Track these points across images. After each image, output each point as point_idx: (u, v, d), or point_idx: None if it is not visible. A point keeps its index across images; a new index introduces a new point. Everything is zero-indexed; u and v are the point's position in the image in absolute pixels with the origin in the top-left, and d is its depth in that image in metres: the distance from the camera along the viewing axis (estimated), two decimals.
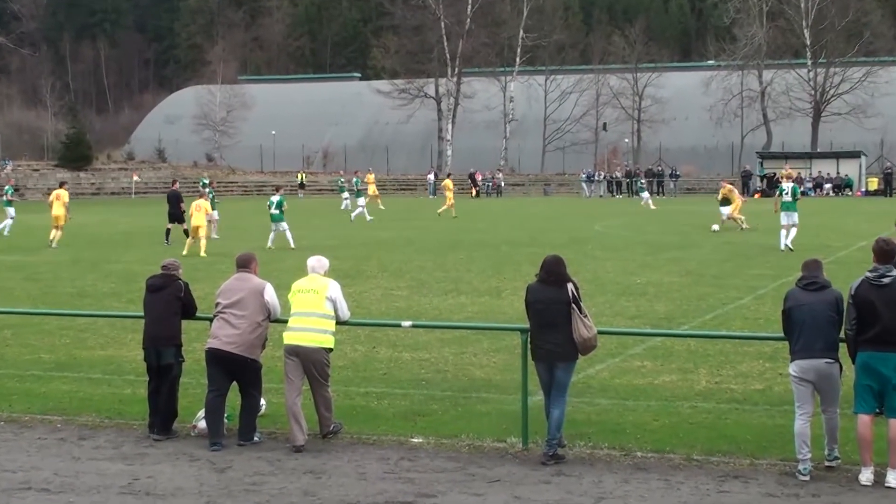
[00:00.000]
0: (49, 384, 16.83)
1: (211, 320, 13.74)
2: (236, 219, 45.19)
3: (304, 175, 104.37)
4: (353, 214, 57.84)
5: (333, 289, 13.60)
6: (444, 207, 60.55)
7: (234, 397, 13.62)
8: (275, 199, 41.52)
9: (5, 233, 48.25)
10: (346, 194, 72.79)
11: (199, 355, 14.63)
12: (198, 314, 14.42)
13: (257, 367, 13.54)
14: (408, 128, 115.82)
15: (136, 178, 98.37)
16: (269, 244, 39.77)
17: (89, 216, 58.85)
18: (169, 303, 13.93)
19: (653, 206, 68.84)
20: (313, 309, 13.42)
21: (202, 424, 13.63)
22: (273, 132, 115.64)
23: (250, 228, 43.97)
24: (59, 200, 43.05)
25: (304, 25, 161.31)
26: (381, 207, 67.38)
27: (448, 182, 64.39)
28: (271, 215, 41.10)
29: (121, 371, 17.60)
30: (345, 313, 13.73)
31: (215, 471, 12.32)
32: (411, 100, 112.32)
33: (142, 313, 14.29)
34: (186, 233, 40.37)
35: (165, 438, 13.61)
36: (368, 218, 56.34)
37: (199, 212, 39.00)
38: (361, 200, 58.83)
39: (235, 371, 13.39)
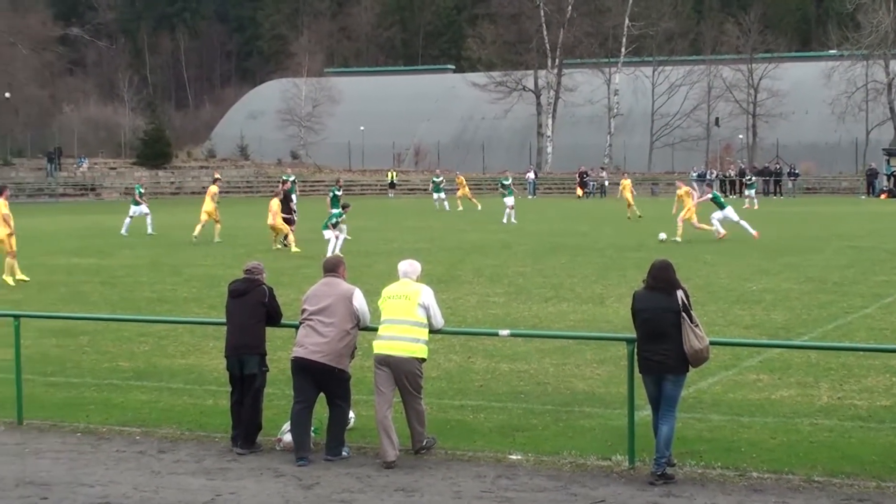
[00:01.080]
0: (128, 394, 17.08)
1: (297, 327, 13.84)
2: (321, 220, 45.40)
3: (394, 174, 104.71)
4: (504, 219, 57.44)
5: (426, 295, 13.63)
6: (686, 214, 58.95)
7: (321, 409, 13.72)
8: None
9: (149, 230, 50.03)
10: (442, 195, 73.22)
11: (284, 364, 14.75)
12: (283, 321, 14.54)
13: (346, 377, 13.58)
14: (505, 123, 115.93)
15: (217, 176, 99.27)
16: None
17: (169, 216, 59.56)
18: (253, 309, 14.03)
19: (755, 206, 68.40)
20: (405, 316, 13.46)
21: (287, 438, 13.74)
22: (362, 128, 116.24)
23: None
24: (208, 195, 45.16)
25: (395, 14, 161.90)
26: (479, 207, 67.73)
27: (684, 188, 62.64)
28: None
29: (202, 381, 17.81)
30: (438, 321, 13.75)
31: (301, 487, 12.41)
32: (509, 93, 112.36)
33: (224, 320, 14.42)
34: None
35: (249, 452, 13.74)
36: (513, 220, 56.56)
37: (271, 212, 42.08)
38: (510, 200, 58.64)
39: (323, 381, 13.46)
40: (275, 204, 42.03)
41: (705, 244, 41.85)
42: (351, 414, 14.06)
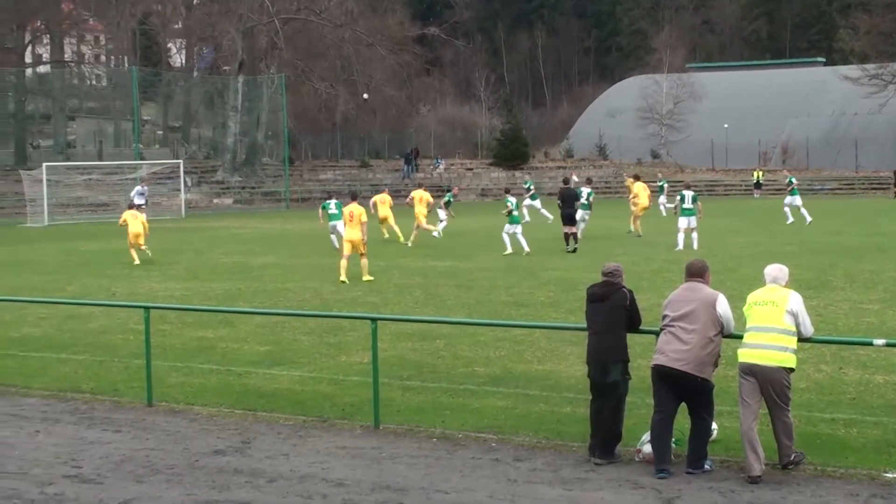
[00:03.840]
0: (483, 399, 17.35)
1: (657, 334, 13.76)
2: (667, 223, 44.98)
3: (760, 173, 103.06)
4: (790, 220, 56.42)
5: (795, 301, 13.34)
6: None
7: (682, 420, 13.61)
8: (511, 200, 43.90)
9: (522, 222, 51.47)
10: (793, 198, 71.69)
11: (644, 372, 14.71)
12: (642, 327, 14.47)
13: (709, 387, 13.40)
14: (880, 118, 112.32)
15: (575, 178, 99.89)
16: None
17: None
18: (614, 314, 13.99)
19: None
20: (772, 323, 13.21)
21: (647, 449, 13.68)
22: (725, 125, 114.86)
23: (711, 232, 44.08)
24: (384, 204, 49.34)
25: (761, 6, 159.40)
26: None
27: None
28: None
29: (559, 387, 17.92)
30: (808, 329, 13.43)
31: (661, 500, 12.34)
32: (884, 86, 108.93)
33: (582, 325, 14.47)
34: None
35: (607, 463, 13.74)
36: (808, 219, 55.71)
37: (384, 205, 48.67)
38: (796, 200, 57.60)
39: (684, 391, 13.34)
40: (386, 198, 49.15)
41: None
42: (714, 425, 13.87)
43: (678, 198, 44.23)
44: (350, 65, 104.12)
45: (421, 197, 49.71)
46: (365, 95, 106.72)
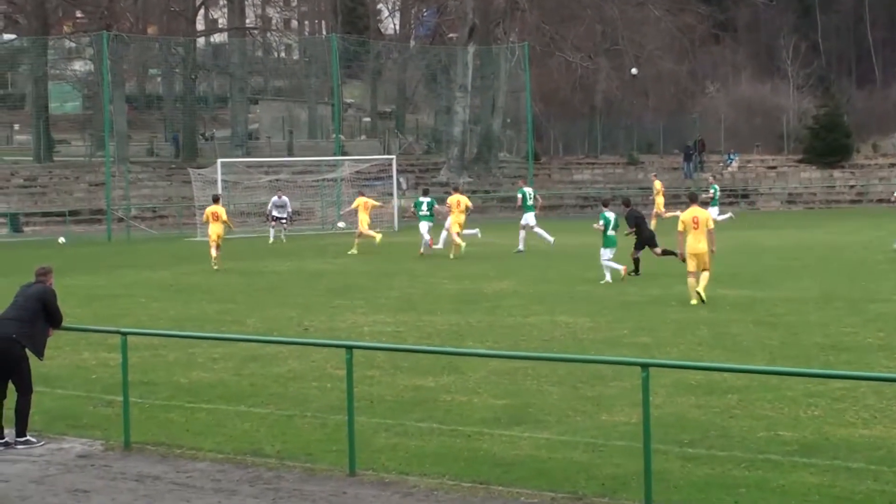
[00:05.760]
0: (790, 474, 17.13)
1: None
2: None
3: None
4: None
5: None
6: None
7: None
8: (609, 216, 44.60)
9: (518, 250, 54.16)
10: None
11: None
12: None
13: None
14: None
15: None
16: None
17: (840, 233, 59.36)
18: None
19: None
20: None
21: None
22: None
23: None
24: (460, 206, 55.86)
25: None
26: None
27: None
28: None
29: (892, 459, 17.62)
30: None
31: None
32: None
33: None
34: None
35: None
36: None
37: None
38: None
39: None
40: (361, 201, 59.46)
41: None
42: None
43: None
44: (614, 30, 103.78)
45: (458, 201, 55.16)
46: (633, 70, 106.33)
